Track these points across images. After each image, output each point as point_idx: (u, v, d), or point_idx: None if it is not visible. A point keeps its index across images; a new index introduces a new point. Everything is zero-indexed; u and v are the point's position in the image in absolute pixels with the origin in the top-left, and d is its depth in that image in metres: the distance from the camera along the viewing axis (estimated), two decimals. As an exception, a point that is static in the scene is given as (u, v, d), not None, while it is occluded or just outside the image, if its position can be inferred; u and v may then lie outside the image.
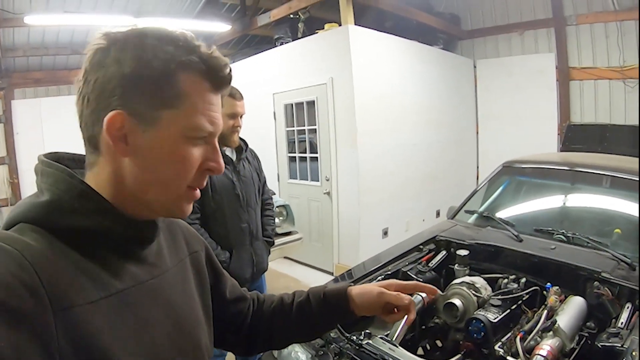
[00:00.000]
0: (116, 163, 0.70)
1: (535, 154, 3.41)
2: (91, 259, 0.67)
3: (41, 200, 0.68)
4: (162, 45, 0.69)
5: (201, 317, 0.90)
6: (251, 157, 2.63)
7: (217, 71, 0.73)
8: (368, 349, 1.73)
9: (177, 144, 0.71)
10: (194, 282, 0.92)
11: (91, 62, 0.68)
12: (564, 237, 2.38)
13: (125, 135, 0.68)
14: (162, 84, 0.68)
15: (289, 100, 5.84)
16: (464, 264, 2.36)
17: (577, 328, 1.76)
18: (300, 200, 5.89)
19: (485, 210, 2.96)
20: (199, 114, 0.72)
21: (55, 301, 0.58)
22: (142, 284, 0.73)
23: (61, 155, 0.77)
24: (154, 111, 0.69)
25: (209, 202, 2.34)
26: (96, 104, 0.68)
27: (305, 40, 5.63)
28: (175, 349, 0.77)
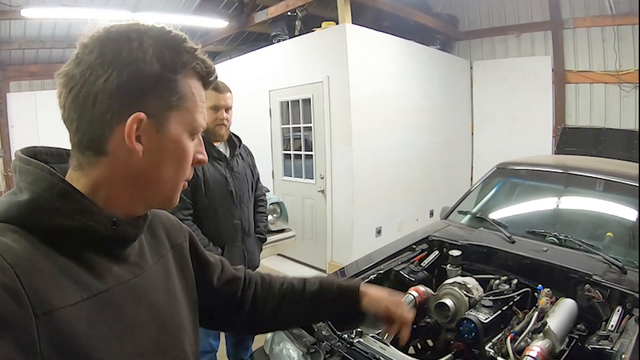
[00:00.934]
0: (122, 164, 0.69)
1: (530, 156, 3.42)
2: (72, 259, 0.65)
3: (20, 200, 0.65)
4: (179, 50, 0.71)
5: (185, 317, 0.88)
6: (245, 154, 2.62)
7: (210, 74, 0.77)
8: (359, 347, 1.72)
9: (182, 142, 0.74)
10: (177, 277, 0.91)
11: (95, 58, 0.66)
12: (556, 240, 2.40)
13: (140, 136, 0.69)
14: (173, 86, 0.70)
15: (285, 97, 5.83)
16: (456, 264, 2.36)
17: (567, 330, 1.76)
18: (294, 197, 5.88)
19: (478, 211, 2.96)
20: (198, 112, 0.75)
21: (37, 304, 0.57)
22: (123, 284, 0.72)
23: (39, 149, 0.74)
24: (165, 112, 0.71)
25: (201, 199, 2.33)
26: (109, 105, 0.66)
27: (302, 38, 5.61)
28: (160, 351, 0.77)
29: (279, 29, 6.26)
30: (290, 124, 5.89)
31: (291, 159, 5.98)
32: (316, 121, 5.39)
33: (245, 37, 7.90)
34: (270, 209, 4.42)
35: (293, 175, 5.97)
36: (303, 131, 5.71)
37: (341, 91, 4.99)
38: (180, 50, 0.71)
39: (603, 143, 3.67)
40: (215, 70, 0.78)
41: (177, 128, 0.72)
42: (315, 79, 5.27)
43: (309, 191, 5.67)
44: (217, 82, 2.34)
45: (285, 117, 5.93)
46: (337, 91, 5.06)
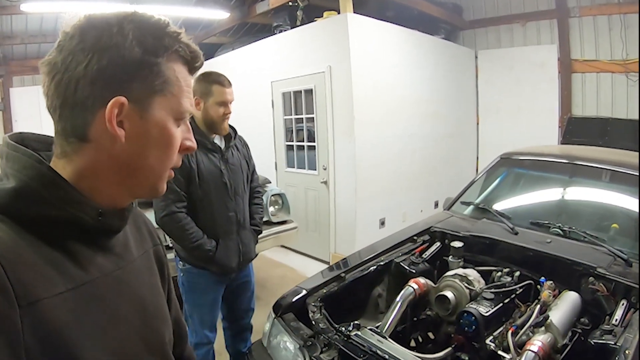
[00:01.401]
0: (107, 150, 0.68)
1: (534, 146, 3.36)
2: (57, 249, 0.64)
3: (7, 187, 0.64)
4: (160, 34, 0.70)
5: (166, 311, 0.89)
6: (240, 145, 2.59)
7: (195, 58, 0.76)
8: (356, 340, 1.72)
9: (167, 127, 0.72)
10: (158, 275, 0.91)
11: (76, 44, 0.65)
12: (561, 231, 2.35)
13: (122, 121, 0.67)
14: (156, 71, 0.69)
15: (287, 88, 5.78)
16: (457, 255, 2.33)
17: (570, 324, 1.73)
18: (297, 189, 5.86)
19: (481, 202, 2.92)
20: (184, 97, 0.74)
21: (21, 295, 0.56)
22: (108, 275, 0.72)
23: (26, 136, 0.73)
24: (149, 97, 0.69)
25: (195, 190, 2.31)
26: (91, 90, 0.65)
27: (304, 28, 5.55)
28: (142, 345, 0.76)
29: (281, 19, 6.19)
30: (292, 115, 5.85)
31: (294, 150, 5.94)
32: (318, 112, 5.35)
33: (248, 29, 7.84)
34: (272, 200, 4.41)
35: (296, 167, 5.94)
36: (305, 122, 5.66)
37: (343, 82, 4.94)
38: (161, 34, 0.70)
39: (610, 133, 3.62)
40: (201, 56, 0.77)
41: (162, 113, 0.71)
42: (317, 69, 5.21)
43: (311, 182, 5.63)
44: (219, 75, 2.35)
45: (288, 108, 5.89)
46: (339, 82, 5.00)
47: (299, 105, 5.69)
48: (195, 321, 2.45)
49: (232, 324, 2.70)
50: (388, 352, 1.62)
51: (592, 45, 5.81)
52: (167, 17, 0.72)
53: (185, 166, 2.26)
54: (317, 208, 5.61)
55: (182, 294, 2.47)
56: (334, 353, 1.73)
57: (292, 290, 2.19)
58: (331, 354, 1.74)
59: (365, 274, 2.31)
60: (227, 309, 2.65)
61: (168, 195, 2.24)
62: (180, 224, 2.25)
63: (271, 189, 4.46)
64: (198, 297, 2.44)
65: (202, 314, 2.45)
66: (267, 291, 4.47)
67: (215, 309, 2.51)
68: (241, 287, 2.62)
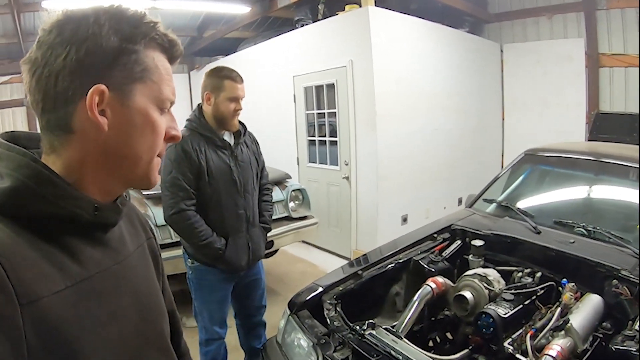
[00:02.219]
0: (92, 140, 0.69)
1: (560, 143, 3.26)
2: (55, 245, 0.65)
3: (3, 187, 0.64)
4: (136, 22, 0.71)
5: (163, 304, 0.90)
6: (250, 141, 2.57)
7: (173, 46, 0.77)
8: (370, 339, 1.70)
9: (149, 114, 0.73)
10: (153, 268, 0.92)
11: (53, 38, 0.66)
12: (585, 231, 2.26)
13: (104, 109, 0.68)
14: (135, 58, 0.70)
15: (309, 83, 5.77)
16: (478, 254, 2.29)
17: (591, 328, 1.66)
18: (319, 184, 5.85)
19: (504, 199, 2.85)
20: (165, 84, 0.75)
21: (21, 294, 0.56)
22: (106, 271, 0.72)
23: (17, 134, 0.74)
24: (129, 84, 0.70)
25: (205, 188, 2.30)
26: (70, 81, 0.65)
27: (326, 22, 5.51)
28: (141, 339, 0.77)
29: (303, 13, 6.16)
30: (314, 110, 5.83)
31: (316, 145, 5.93)
32: (340, 107, 5.31)
33: (270, 23, 7.83)
34: (293, 195, 4.41)
35: (318, 162, 5.93)
36: (327, 117, 5.63)
37: (365, 76, 4.89)
38: (137, 22, 0.71)
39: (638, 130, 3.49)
40: (179, 44, 0.78)
41: (143, 100, 0.72)
42: (338, 63, 5.18)
43: (333, 178, 5.61)
44: (231, 71, 2.34)
45: (310, 102, 5.88)
46: (361, 76, 4.96)
47: (321, 100, 5.67)
48: (205, 318, 2.46)
49: (244, 321, 2.71)
50: (402, 352, 1.60)
51: (620, 38, 5.60)
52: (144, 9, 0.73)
53: (195, 163, 2.26)
54: (339, 204, 5.59)
55: (191, 291, 2.49)
56: (348, 352, 1.72)
57: (307, 287, 2.18)
58: (345, 353, 1.72)
59: (383, 271, 2.28)
60: (239, 306, 2.66)
61: (177, 192, 2.24)
62: (189, 221, 2.25)
63: (291, 184, 4.47)
64: (207, 294, 2.45)
65: (211, 310, 2.46)
66: (286, 287, 4.48)
67: (224, 305, 2.51)
68: (251, 285, 2.62)
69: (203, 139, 2.32)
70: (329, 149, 5.68)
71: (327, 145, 5.71)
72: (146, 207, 3.41)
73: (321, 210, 5.55)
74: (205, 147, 2.31)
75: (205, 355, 2.51)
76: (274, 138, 6.25)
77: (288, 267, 5.23)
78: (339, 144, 5.44)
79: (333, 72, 5.29)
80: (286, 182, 4.47)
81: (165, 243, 3.36)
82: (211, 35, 8.19)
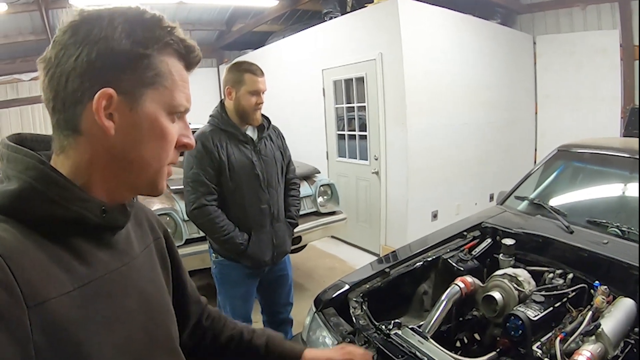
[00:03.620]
0: (99, 143, 0.69)
1: (594, 138, 3.13)
2: (62, 247, 0.65)
3: (10, 189, 0.64)
4: (150, 26, 0.71)
5: (170, 306, 0.91)
6: (274, 136, 2.55)
7: (190, 52, 0.76)
8: (396, 339, 1.68)
9: (159, 121, 0.72)
10: (160, 269, 0.92)
11: (68, 38, 0.67)
12: (619, 231, 2.17)
13: (112, 113, 0.68)
14: (147, 63, 0.70)
15: (338, 76, 5.74)
16: (509, 254, 2.22)
17: (623, 334, 1.59)
18: (348, 179, 5.83)
19: (536, 197, 2.76)
20: (178, 91, 0.74)
21: (29, 296, 0.57)
22: (113, 272, 0.73)
23: (24, 136, 0.74)
24: (139, 89, 0.70)
25: (226, 183, 2.31)
26: (80, 82, 0.66)
27: (354, 14, 5.46)
28: (148, 341, 0.78)
29: (331, 5, 6.13)
30: (344, 104, 5.81)
31: (345, 139, 5.90)
32: (370, 100, 5.27)
33: (299, 16, 7.82)
34: (321, 190, 4.41)
35: (347, 156, 5.91)
36: (357, 111, 5.59)
37: (395, 69, 4.83)
38: (152, 26, 0.71)
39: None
40: (197, 50, 0.77)
41: (153, 106, 0.71)
42: (368, 56, 5.13)
43: (363, 172, 5.58)
44: (251, 65, 2.34)
45: (339, 96, 5.85)
46: (390, 69, 4.90)
47: (351, 94, 5.64)
48: (228, 312, 2.47)
49: (271, 317, 2.71)
50: (427, 354, 1.57)
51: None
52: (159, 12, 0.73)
53: (215, 158, 2.27)
54: (368, 199, 5.56)
55: (215, 285, 2.51)
56: (373, 351, 1.69)
57: (334, 284, 2.16)
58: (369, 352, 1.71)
59: (411, 269, 2.26)
60: (265, 302, 2.67)
61: (198, 188, 2.26)
62: (210, 216, 2.27)
63: (320, 179, 4.46)
64: (230, 289, 2.46)
65: (234, 306, 2.48)
66: (314, 282, 4.50)
67: (248, 301, 2.52)
68: (278, 281, 2.61)
69: (225, 134, 2.33)
70: (359, 143, 5.65)
71: (356, 139, 5.68)
72: (173, 201, 3.46)
73: (350, 206, 5.54)
74: (226, 142, 2.32)
75: None
76: (303, 132, 6.26)
77: (316, 262, 5.24)
78: (369, 138, 5.40)
79: (362, 65, 5.24)
80: (315, 177, 4.46)
81: (192, 238, 3.41)
82: (239, 29, 8.24)
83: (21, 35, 6.83)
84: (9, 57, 7.38)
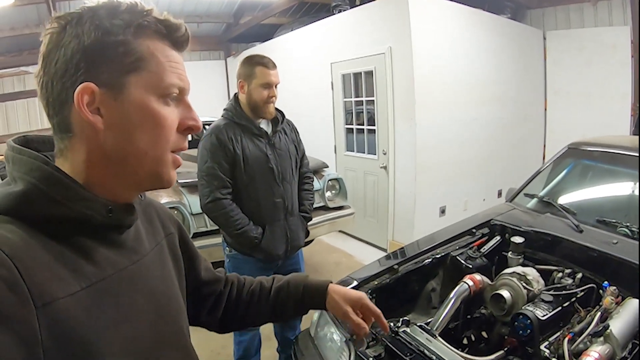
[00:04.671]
0: (93, 140, 0.69)
1: (605, 136, 3.10)
2: (69, 247, 0.65)
3: (16, 190, 0.65)
4: (118, 13, 0.69)
5: (182, 302, 0.91)
6: (289, 129, 2.55)
7: (173, 30, 0.74)
8: (404, 337, 1.69)
9: (149, 106, 0.71)
10: (171, 265, 0.92)
11: (47, 47, 0.68)
12: (629, 231, 2.16)
13: (98, 107, 0.68)
14: (123, 50, 0.68)
15: (346, 70, 5.71)
16: (517, 252, 2.22)
17: (631, 335, 1.59)
18: (356, 173, 5.82)
19: (545, 195, 2.75)
20: (166, 71, 0.72)
21: (37, 296, 0.57)
22: (121, 271, 0.72)
23: (30, 138, 0.75)
24: (121, 78, 0.69)
25: (240, 176, 2.31)
26: (62, 84, 0.67)
27: (364, 7, 5.41)
28: (158, 338, 0.78)
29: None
30: (352, 98, 5.78)
31: (353, 133, 5.87)
32: (379, 94, 5.24)
33: (307, 9, 7.78)
34: (329, 185, 4.40)
35: (355, 151, 5.88)
36: (365, 105, 5.57)
37: (404, 63, 4.80)
38: (121, 13, 0.69)
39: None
40: (180, 27, 0.75)
41: (140, 92, 0.70)
42: (377, 50, 5.09)
43: (371, 167, 5.56)
44: (263, 57, 2.34)
45: (348, 90, 5.83)
46: (400, 63, 4.87)
47: (359, 88, 5.60)
48: None
49: None
50: (435, 352, 1.58)
51: (668, 27, 5.26)
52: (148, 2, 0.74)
53: (230, 152, 2.27)
54: (376, 194, 5.54)
55: None
56: (380, 349, 1.71)
57: (342, 280, 2.17)
58: (377, 350, 1.72)
59: (419, 266, 2.26)
60: None
61: (212, 181, 2.27)
62: (225, 210, 2.27)
63: (328, 173, 4.45)
64: None
65: None
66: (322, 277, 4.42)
67: None
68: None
69: (239, 127, 2.34)
70: (367, 137, 5.62)
71: (364, 133, 5.65)
72: (181, 195, 3.48)
73: (358, 200, 5.53)
74: (241, 135, 2.32)
75: (239, 345, 2.54)
76: (311, 126, 6.24)
77: (324, 257, 5.25)
78: (377, 132, 5.37)
79: (371, 59, 5.21)
80: (323, 171, 4.46)
81: (200, 231, 3.43)
82: (247, 22, 8.18)
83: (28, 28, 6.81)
84: (16, 49, 7.38)
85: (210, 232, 3.42)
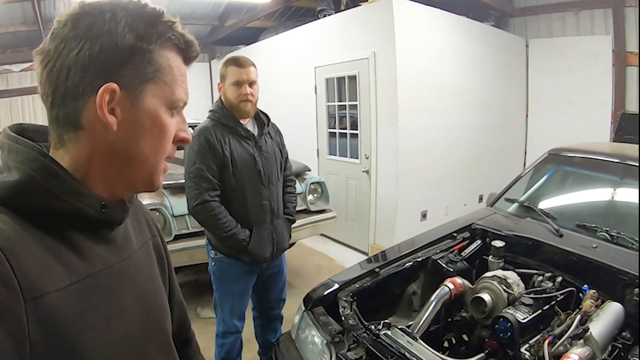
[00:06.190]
0: (102, 139, 0.68)
1: (585, 143, 3.15)
2: (61, 241, 0.64)
3: (10, 180, 0.63)
4: (151, 19, 0.70)
5: (166, 302, 0.90)
6: (273, 132, 2.55)
7: (189, 46, 0.75)
8: (385, 340, 1.68)
9: (160, 116, 0.72)
10: (157, 265, 0.91)
11: (70, 31, 0.65)
12: (608, 236, 2.19)
13: (114, 108, 0.67)
14: (149, 58, 0.69)
15: (330, 74, 5.72)
16: (498, 256, 2.24)
17: (610, 337, 1.62)
18: (338, 177, 5.82)
19: (526, 199, 2.78)
20: (177, 86, 0.74)
21: (26, 289, 0.56)
22: (110, 268, 0.72)
23: (25, 127, 0.74)
24: (141, 84, 0.69)
25: (229, 179, 2.30)
26: (81, 77, 0.65)
27: (348, 12, 5.43)
28: (144, 337, 0.78)
29: (325, 3, 6.08)
30: (335, 102, 5.79)
31: (336, 137, 5.88)
32: (362, 99, 5.26)
33: (292, 13, 7.79)
34: (312, 188, 4.39)
35: (338, 154, 5.88)
36: (348, 109, 5.58)
37: (388, 68, 4.82)
38: (155, 21, 0.70)
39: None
40: (196, 45, 0.76)
41: (154, 101, 0.71)
42: (361, 55, 5.11)
43: (353, 171, 5.57)
44: (237, 57, 2.33)
45: (331, 94, 5.83)
46: (383, 68, 4.89)
47: (342, 92, 5.62)
48: (224, 310, 2.47)
49: (262, 313, 2.71)
50: (416, 355, 1.58)
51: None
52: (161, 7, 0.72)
53: (219, 154, 2.25)
54: (358, 197, 5.55)
55: (212, 282, 2.49)
56: (362, 352, 1.70)
57: (323, 283, 2.17)
58: (358, 353, 1.71)
59: (400, 270, 2.26)
60: (258, 299, 2.65)
61: (201, 183, 2.24)
62: (213, 212, 2.25)
63: (311, 176, 4.43)
64: (228, 286, 2.44)
65: (231, 303, 2.46)
66: (302, 280, 4.49)
67: (245, 298, 2.51)
68: (272, 277, 2.60)
69: (227, 129, 2.32)
70: (350, 141, 5.63)
71: (347, 137, 5.66)
72: (163, 197, 3.43)
73: (340, 204, 5.52)
74: (229, 137, 2.31)
75: (221, 348, 2.52)
76: (294, 129, 6.20)
77: (305, 260, 5.23)
78: (360, 136, 5.39)
79: (355, 64, 5.23)
80: (305, 175, 4.43)
81: (181, 234, 3.38)
82: (232, 25, 8.17)
83: (12, 26, 6.72)
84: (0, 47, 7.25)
85: (192, 234, 3.37)
